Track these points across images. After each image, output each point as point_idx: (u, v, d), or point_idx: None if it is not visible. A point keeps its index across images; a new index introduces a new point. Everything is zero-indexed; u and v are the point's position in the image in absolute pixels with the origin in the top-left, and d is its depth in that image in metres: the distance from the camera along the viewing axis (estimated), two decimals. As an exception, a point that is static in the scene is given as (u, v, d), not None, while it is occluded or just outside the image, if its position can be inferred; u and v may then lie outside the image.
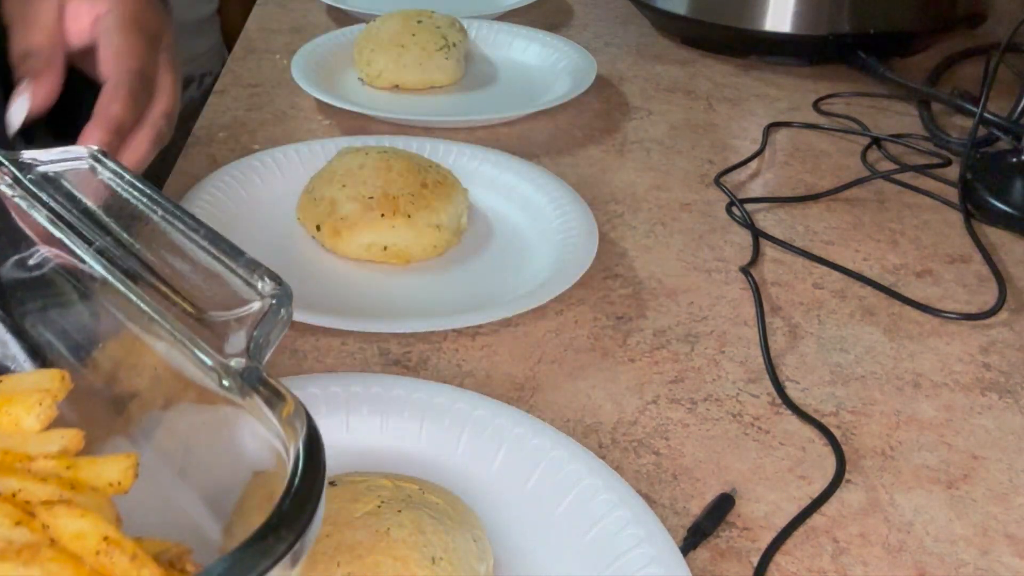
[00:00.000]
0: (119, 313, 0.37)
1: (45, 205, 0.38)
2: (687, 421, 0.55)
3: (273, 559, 0.27)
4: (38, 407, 0.34)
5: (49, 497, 0.31)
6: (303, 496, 0.28)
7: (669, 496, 0.50)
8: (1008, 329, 0.64)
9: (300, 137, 0.85)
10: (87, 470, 0.33)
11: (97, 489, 0.33)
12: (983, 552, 0.48)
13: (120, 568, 0.29)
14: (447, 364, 0.59)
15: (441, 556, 0.41)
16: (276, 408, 0.31)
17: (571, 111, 0.92)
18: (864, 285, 0.68)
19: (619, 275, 0.68)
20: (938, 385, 0.59)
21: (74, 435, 0.34)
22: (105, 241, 0.37)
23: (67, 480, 0.33)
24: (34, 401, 0.34)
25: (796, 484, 0.51)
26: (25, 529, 0.30)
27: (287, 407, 0.31)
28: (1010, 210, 0.74)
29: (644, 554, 0.43)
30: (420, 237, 0.68)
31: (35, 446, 0.34)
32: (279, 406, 0.31)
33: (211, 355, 0.33)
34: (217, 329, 0.34)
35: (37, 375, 0.36)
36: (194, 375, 0.34)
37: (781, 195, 0.79)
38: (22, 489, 0.32)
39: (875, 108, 0.94)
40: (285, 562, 0.27)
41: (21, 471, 0.33)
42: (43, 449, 0.33)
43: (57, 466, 0.33)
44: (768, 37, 1.00)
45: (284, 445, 0.30)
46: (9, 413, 0.34)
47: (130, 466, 0.33)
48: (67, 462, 0.33)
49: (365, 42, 0.96)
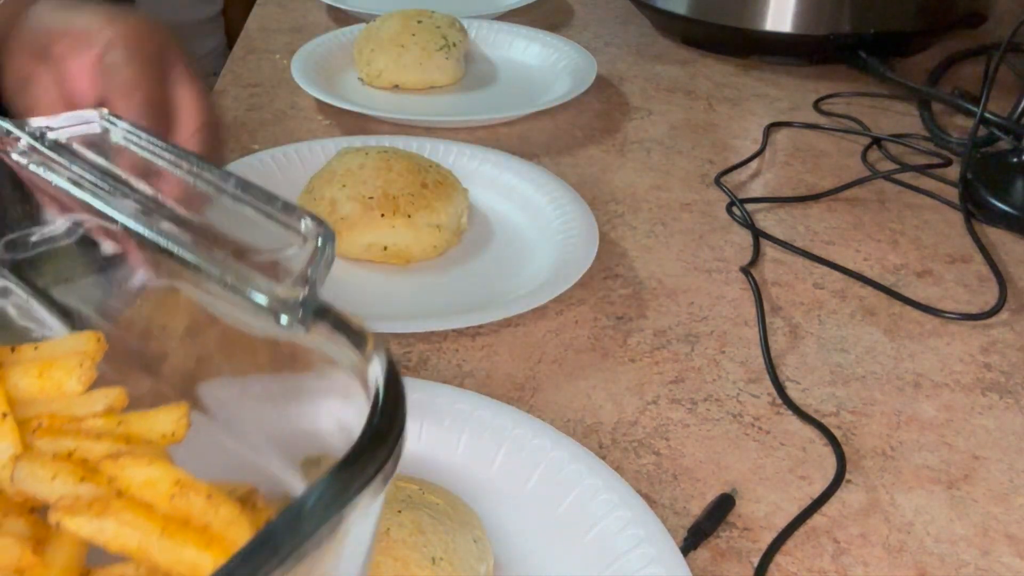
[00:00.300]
0: (155, 269, 0.37)
1: (66, 169, 0.37)
2: (687, 421, 0.55)
3: (365, 479, 0.26)
4: (78, 369, 0.34)
5: (107, 452, 0.31)
6: (390, 415, 0.28)
7: (669, 496, 0.50)
8: (1009, 329, 0.64)
9: (300, 137, 0.85)
10: (139, 424, 0.33)
11: (151, 442, 0.33)
12: (984, 552, 0.48)
13: (196, 509, 0.29)
14: (447, 364, 0.59)
15: (441, 556, 0.41)
16: (346, 334, 0.31)
17: (571, 111, 0.92)
18: (864, 285, 0.68)
19: (619, 275, 0.68)
20: (939, 385, 0.59)
21: (117, 393, 0.34)
22: (134, 198, 0.36)
23: (121, 436, 0.33)
24: (74, 364, 0.34)
25: (796, 484, 0.51)
26: (90, 484, 0.30)
27: (359, 331, 0.31)
28: (1011, 210, 0.74)
29: (644, 554, 0.43)
30: (420, 237, 0.68)
31: (80, 407, 0.34)
32: (348, 332, 0.31)
33: (265, 294, 0.33)
34: (266, 271, 0.33)
35: (73, 338, 0.36)
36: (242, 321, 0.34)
37: (781, 195, 0.79)
38: (77, 448, 0.32)
39: (875, 108, 0.94)
40: (377, 482, 0.27)
41: (72, 431, 0.33)
42: (89, 409, 0.34)
43: (108, 423, 0.33)
44: (769, 37, 1.00)
45: (358, 370, 0.30)
46: (50, 377, 0.34)
47: (182, 416, 0.34)
48: (117, 419, 0.34)
49: (365, 42, 0.96)
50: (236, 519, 0.29)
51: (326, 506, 0.26)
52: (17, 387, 0.34)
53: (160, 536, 0.28)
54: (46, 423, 0.33)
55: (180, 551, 0.28)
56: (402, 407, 0.28)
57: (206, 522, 0.29)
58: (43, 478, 0.31)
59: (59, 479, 0.31)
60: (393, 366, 0.29)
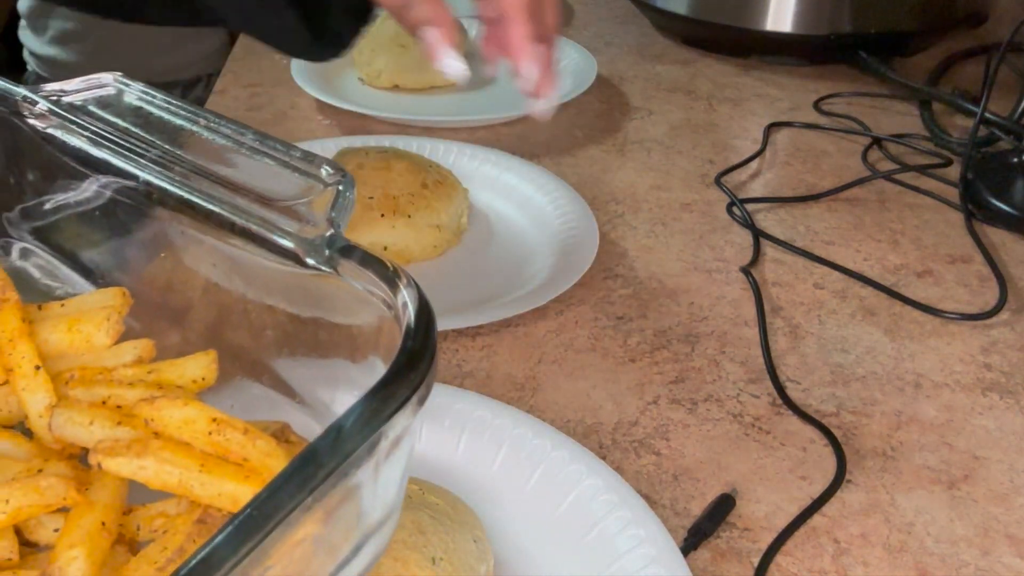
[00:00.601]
0: (177, 222, 0.37)
1: (85, 130, 0.38)
2: (688, 421, 0.55)
3: (402, 399, 0.27)
4: (106, 323, 0.35)
5: (141, 397, 0.32)
6: (422, 339, 0.29)
7: (670, 496, 0.50)
8: (1009, 329, 0.64)
9: (300, 137, 0.85)
10: (169, 372, 0.34)
11: (182, 388, 0.34)
12: (984, 552, 0.48)
13: (234, 444, 0.30)
14: (447, 364, 0.59)
15: (441, 557, 0.41)
16: (374, 269, 0.32)
17: (571, 111, 0.92)
18: (865, 285, 0.68)
19: (619, 275, 0.68)
20: (939, 385, 0.59)
21: (145, 344, 0.35)
22: (154, 154, 0.37)
23: (152, 383, 0.34)
24: (101, 318, 0.35)
25: (797, 484, 0.51)
26: (126, 428, 0.31)
27: (386, 266, 0.32)
28: (1011, 210, 0.74)
29: (645, 555, 0.43)
30: (420, 237, 0.68)
31: (110, 359, 0.35)
32: (376, 267, 0.32)
33: (290, 237, 0.33)
34: (289, 216, 0.34)
35: (99, 294, 0.37)
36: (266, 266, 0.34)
37: (782, 195, 0.79)
38: (111, 395, 0.33)
39: (876, 108, 0.94)
40: (413, 403, 0.27)
41: (104, 381, 0.34)
42: (118, 361, 0.35)
43: (138, 372, 0.34)
44: (769, 37, 1.00)
45: (387, 301, 0.31)
46: (79, 331, 0.35)
47: (211, 361, 0.35)
48: (147, 367, 0.35)
49: (365, 42, 0.96)
50: (273, 451, 0.30)
51: (364, 424, 0.26)
52: (47, 342, 0.35)
53: (200, 471, 0.29)
54: (78, 375, 0.34)
55: (220, 485, 0.29)
56: (433, 332, 0.29)
57: (243, 456, 0.30)
58: (81, 423, 0.32)
59: (96, 424, 0.32)
60: (421, 293, 0.30)
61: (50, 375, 0.34)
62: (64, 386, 0.34)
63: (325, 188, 0.35)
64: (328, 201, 0.34)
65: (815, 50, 1.01)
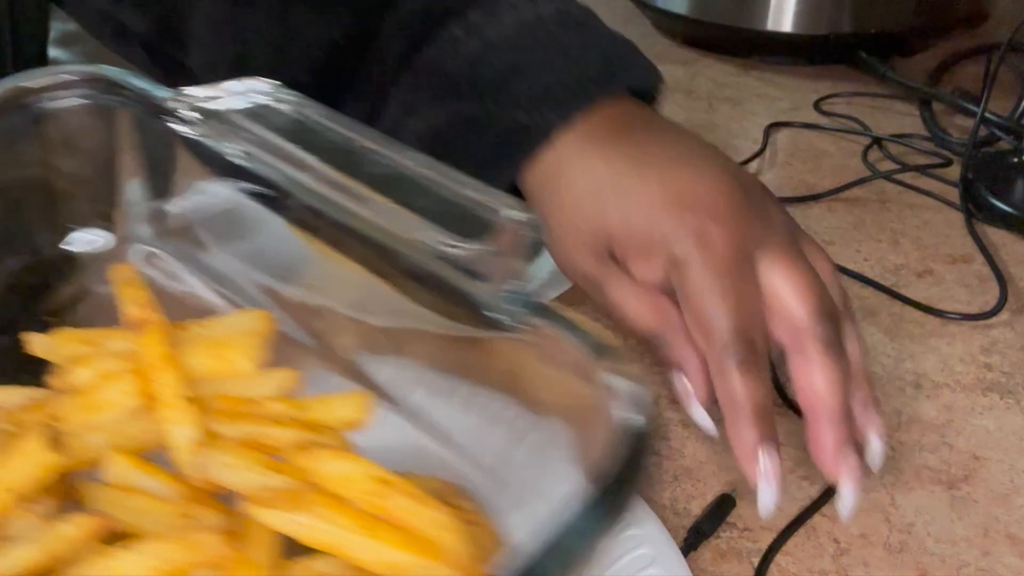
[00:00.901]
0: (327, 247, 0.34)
1: (237, 140, 0.35)
2: (687, 422, 0.55)
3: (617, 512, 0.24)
4: (252, 350, 0.32)
5: (294, 441, 0.30)
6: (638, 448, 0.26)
7: (669, 497, 0.50)
8: (1009, 329, 0.64)
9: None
10: (319, 410, 0.32)
11: (330, 428, 0.31)
12: (984, 553, 0.48)
13: (399, 511, 0.27)
14: (447, 364, 0.59)
15: (441, 557, 0.40)
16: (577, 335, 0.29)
17: (571, 111, 0.92)
18: (865, 285, 0.67)
19: (619, 275, 0.68)
20: (939, 386, 0.59)
21: (288, 375, 0.32)
22: (310, 174, 0.33)
23: (301, 421, 0.31)
24: (246, 343, 0.32)
25: (797, 484, 0.51)
26: (279, 475, 0.29)
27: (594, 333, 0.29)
28: (1011, 210, 0.74)
29: (645, 555, 0.43)
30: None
31: (251, 389, 0.32)
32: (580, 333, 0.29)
33: (470, 285, 0.30)
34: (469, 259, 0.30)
35: (241, 317, 0.34)
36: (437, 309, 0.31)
37: (782, 195, 0.79)
38: (260, 433, 0.30)
39: (876, 108, 0.94)
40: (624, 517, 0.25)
41: (250, 415, 0.31)
42: (260, 391, 0.32)
43: (287, 408, 0.32)
44: (769, 37, 1.00)
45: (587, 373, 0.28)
46: (222, 357, 0.32)
47: (364, 403, 0.32)
48: (297, 404, 0.32)
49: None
50: (444, 523, 0.28)
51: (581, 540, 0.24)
52: (187, 366, 0.32)
53: (358, 533, 0.27)
54: (222, 405, 0.31)
55: (379, 550, 0.27)
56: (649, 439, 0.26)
57: (405, 520, 0.28)
58: (231, 466, 0.29)
59: (248, 469, 0.29)
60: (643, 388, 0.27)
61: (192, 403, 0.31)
62: (207, 417, 0.31)
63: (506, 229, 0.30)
64: (513, 247, 0.30)
65: (815, 50, 1.01)
